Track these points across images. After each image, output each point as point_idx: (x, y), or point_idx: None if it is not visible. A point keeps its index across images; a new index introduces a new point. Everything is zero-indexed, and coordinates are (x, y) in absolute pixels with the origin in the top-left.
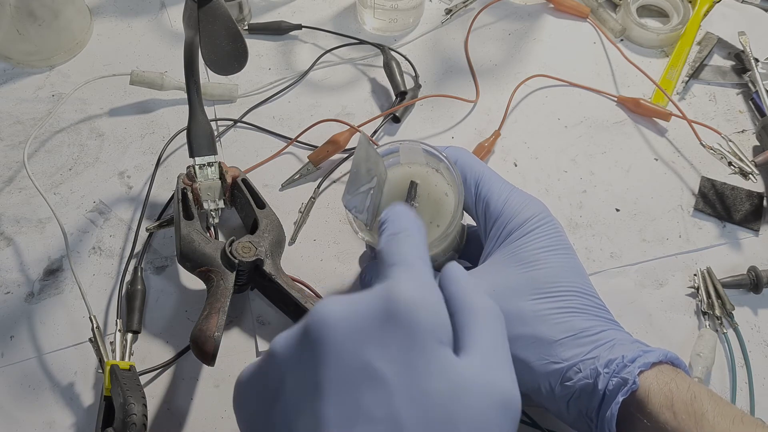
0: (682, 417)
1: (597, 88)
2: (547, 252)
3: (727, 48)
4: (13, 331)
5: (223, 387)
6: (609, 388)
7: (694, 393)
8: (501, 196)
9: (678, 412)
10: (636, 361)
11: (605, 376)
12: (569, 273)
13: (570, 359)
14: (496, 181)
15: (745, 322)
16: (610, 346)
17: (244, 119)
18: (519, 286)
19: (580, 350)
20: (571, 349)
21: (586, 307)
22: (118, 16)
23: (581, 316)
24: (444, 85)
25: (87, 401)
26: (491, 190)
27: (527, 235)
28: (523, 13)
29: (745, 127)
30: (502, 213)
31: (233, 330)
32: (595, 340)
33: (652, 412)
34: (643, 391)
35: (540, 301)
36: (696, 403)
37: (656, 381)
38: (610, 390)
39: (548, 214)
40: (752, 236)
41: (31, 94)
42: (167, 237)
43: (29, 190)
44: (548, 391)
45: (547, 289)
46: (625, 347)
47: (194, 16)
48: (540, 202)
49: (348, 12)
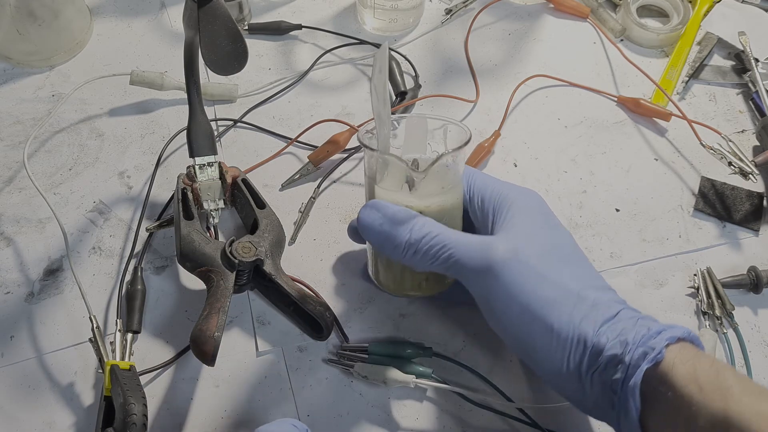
0: (708, 391)
1: (597, 88)
2: (556, 230)
3: (727, 48)
4: (13, 331)
5: (223, 387)
6: (634, 358)
7: (719, 368)
8: (494, 188)
9: (703, 385)
10: (662, 333)
11: (633, 347)
12: (578, 250)
13: (600, 331)
14: (488, 178)
15: (745, 322)
16: (634, 321)
17: (244, 119)
18: (549, 248)
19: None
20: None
21: (602, 282)
22: (118, 16)
23: (603, 291)
24: (444, 85)
25: (87, 401)
26: (484, 185)
27: (530, 216)
28: (523, 13)
29: (745, 127)
30: (501, 200)
31: (233, 330)
32: (621, 315)
33: (676, 384)
34: (668, 363)
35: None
36: (721, 378)
37: (680, 355)
38: (634, 360)
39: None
40: (752, 236)
41: (31, 94)
42: (167, 237)
43: (29, 190)
44: (575, 365)
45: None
46: (649, 322)
47: (194, 16)
48: (533, 191)
49: (348, 12)
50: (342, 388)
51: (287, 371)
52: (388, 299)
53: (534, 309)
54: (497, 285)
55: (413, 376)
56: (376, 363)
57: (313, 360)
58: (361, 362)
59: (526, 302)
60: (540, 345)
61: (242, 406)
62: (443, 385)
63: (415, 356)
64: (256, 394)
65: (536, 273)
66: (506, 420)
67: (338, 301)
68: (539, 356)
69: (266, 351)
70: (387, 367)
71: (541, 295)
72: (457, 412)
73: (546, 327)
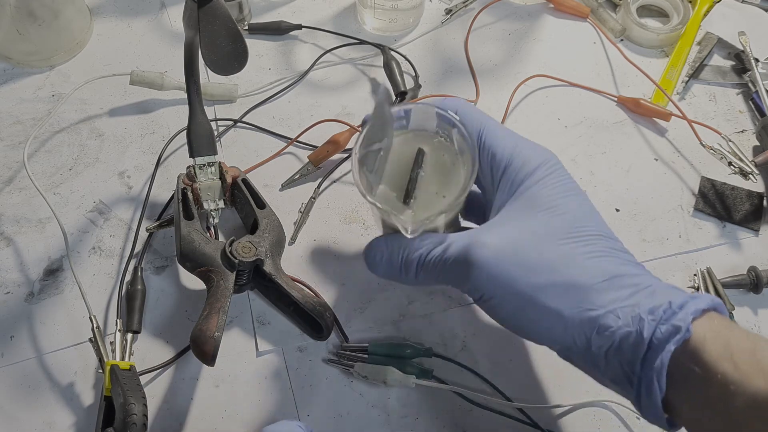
0: (745, 368)
1: (597, 88)
2: (566, 197)
3: (727, 48)
4: (13, 331)
5: (223, 387)
6: (657, 336)
7: (755, 343)
8: (507, 145)
9: (739, 362)
10: (685, 306)
11: (650, 323)
12: (591, 217)
13: (607, 305)
14: (500, 131)
15: (745, 322)
16: (650, 292)
17: (244, 119)
18: (543, 232)
19: (617, 295)
20: (608, 294)
21: (614, 251)
22: (118, 16)
23: (613, 260)
24: (444, 85)
25: (87, 401)
26: (496, 139)
27: (541, 181)
28: (523, 13)
29: (745, 127)
30: (511, 162)
31: (233, 330)
32: (632, 284)
33: (708, 361)
34: (698, 339)
35: (567, 245)
36: (759, 354)
37: (710, 329)
38: (658, 338)
39: (558, 161)
40: (752, 236)
41: (31, 94)
42: (167, 237)
43: (29, 190)
44: (583, 343)
45: (573, 233)
46: (668, 293)
47: (194, 16)
48: (547, 149)
49: (348, 12)
50: (342, 388)
51: (287, 371)
52: (388, 299)
53: (530, 297)
54: (485, 284)
55: (413, 376)
56: (376, 363)
57: (313, 360)
58: (361, 362)
59: (519, 293)
60: (545, 330)
61: (242, 406)
62: (443, 385)
63: (415, 356)
64: (256, 394)
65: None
66: (506, 420)
67: (338, 301)
68: (546, 341)
69: (266, 351)
70: (387, 367)
71: (534, 281)
72: (457, 412)
73: (547, 312)
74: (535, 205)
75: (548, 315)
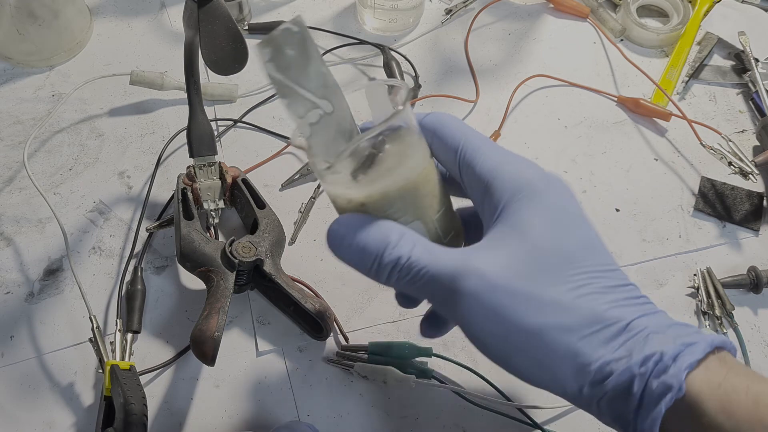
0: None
1: (597, 88)
2: (553, 224)
3: (727, 48)
4: (13, 331)
5: (223, 387)
6: (648, 393)
7: (757, 395)
8: (490, 162)
9: (740, 420)
10: (678, 359)
11: (641, 377)
12: (583, 248)
13: (599, 358)
14: (484, 146)
15: (745, 322)
16: (643, 337)
17: (244, 119)
18: (524, 267)
19: (609, 346)
20: (599, 346)
21: (608, 289)
22: (118, 16)
23: (605, 303)
24: (444, 85)
25: (87, 401)
26: (477, 156)
27: (526, 206)
28: (523, 13)
29: (745, 127)
30: (493, 181)
31: (233, 330)
32: (625, 332)
33: (705, 422)
34: (692, 396)
35: (555, 284)
36: (762, 410)
37: (707, 383)
38: (650, 395)
39: (550, 178)
40: (752, 236)
41: (31, 94)
42: (167, 237)
43: (29, 190)
44: (575, 392)
45: (562, 268)
46: (662, 338)
47: (194, 16)
48: (538, 167)
49: (348, 12)
50: (342, 388)
51: (287, 371)
52: (388, 299)
53: (514, 341)
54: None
55: (413, 376)
56: (376, 363)
57: (313, 360)
58: (361, 362)
59: (503, 334)
60: (530, 378)
61: (242, 406)
62: (443, 385)
63: (415, 356)
64: (256, 394)
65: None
66: (506, 420)
67: (338, 301)
68: (537, 383)
69: (266, 351)
70: (387, 367)
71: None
72: (457, 412)
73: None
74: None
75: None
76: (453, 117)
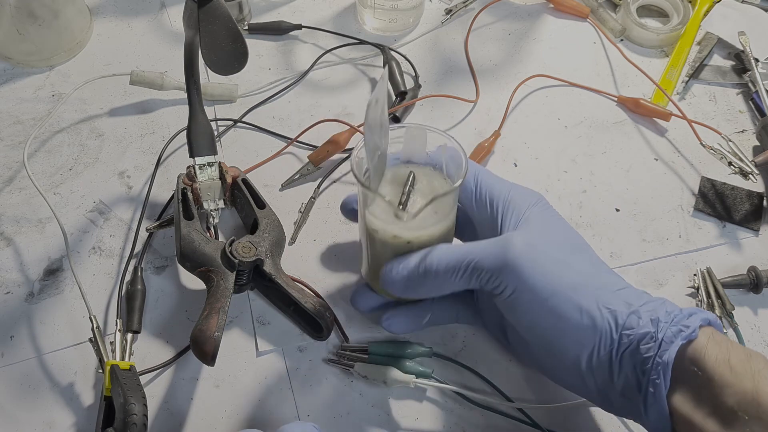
0: (739, 372)
1: (597, 88)
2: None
3: (727, 48)
4: (13, 331)
5: (223, 387)
6: (667, 335)
7: (750, 353)
8: (503, 187)
9: (735, 367)
10: (694, 314)
11: (665, 325)
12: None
13: (631, 308)
14: (494, 177)
15: (745, 322)
16: (662, 302)
17: (244, 119)
18: (563, 240)
19: (637, 302)
20: (630, 300)
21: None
22: (118, 16)
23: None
24: (444, 85)
25: (87, 401)
26: (492, 184)
27: (540, 214)
28: (523, 13)
29: (745, 127)
30: (509, 203)
31: (233, 330)
32: (645, 296)
33: (708, 364)
34: (701, 343)
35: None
36: (753, 361)
37: (713, 337)
38: (668, 337)
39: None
40: (752, 236)
41: (31, 94)
42: (167, 237)
43: (29, 190)
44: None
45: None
46: (676, 306)
47: (194, 16)
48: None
49: (348, 12)
50: (342, 388)
51: (287, 371)
52: None
53: (561, 293)
54: (521, 278)
55: (413, 376)
56: (376, 363)
57: (313, 360)
58: (361, 362)
59: (551, 289)
60: (570, 330)
61: (242, 406)
62: (443, 385)
63: (415, 356)
64: (256, 394)
65: (557, 260)
66: (506, 420)
67: (338, 301)
68: (569, 344)
69: (266, 351)
70: (387, 367)
71: (566, 281)
72: (457, 412)
73: (576, 308)
74: (549, 224)
75: (576, 313)
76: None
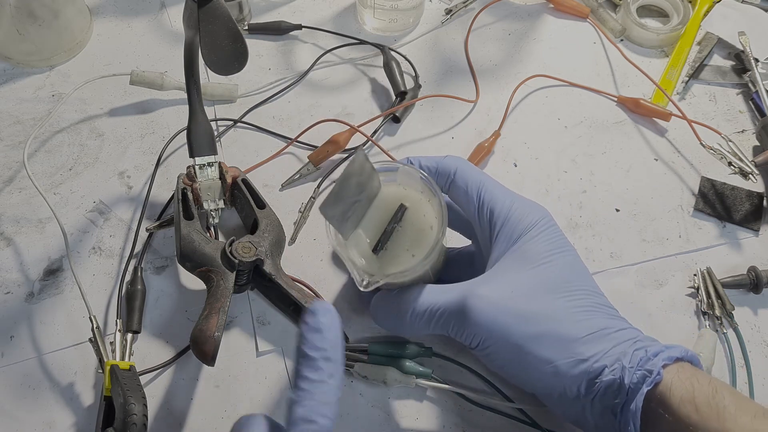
0: (704, 411)
1: (597, 88)
2: (558, 254)
3: (727, 48)
4: (13, 331)
5: (223, 387)
6: (633, 381)
7: (716, 388)
8: (505, 202)
9: (700, 405)
10: (659, 355)
11: (630, 371)
12: (580, 274)
13: (596, 356)
14: (498, 188)
15: (745, 322)
16: (632, 343)
17: (244, 119)
18: (535, 286)
19: (603, 347)
20: (596, 346)
21: (600, 306)
22: (118, 16)
23: (599, 314)
24: (444, 85)
25: (87, 401)
26: (495, 196)
27: (536, 238)
28: (523, 13)
29: (745, 127)
30: (509, 219)
31: (233, 330)
32: (616, 338)
33: (673, 405)
34: (666, 384)
35: (558, 299)
36: (717, 397)
37: (678, 376)
38: (634, 383)
39: (551, 218)
40: (752, 236)
41: (31, 94)
42: (167, 237)
43: (29, 190)
44: (574, 392)
45: (563, 288)
46: (646, 344)
47: (194, 16)
48: (542, 207)
49: (348, 12)
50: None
51: (287, 371)
52: None
53: (523, 346)
54: (482, 333)
55: (413, 376)
56: (376, 363)
57: None
58: (361, 362)
59: (514, 342)
60: (537, 378)
61: (242, 406)
62: (443, 385)
63: (415, 356)
64: (256, 394)
65: (517, 314)
66: (506, 420)
67: (338, 301)
68: (539, 388)
69: (266, 351)
70: (387, 367)
71: (529, 331)
72: (457, 412)
73: (538, 360)
74: (529, 260)
75: (541, 364)
76: (468, 163)
